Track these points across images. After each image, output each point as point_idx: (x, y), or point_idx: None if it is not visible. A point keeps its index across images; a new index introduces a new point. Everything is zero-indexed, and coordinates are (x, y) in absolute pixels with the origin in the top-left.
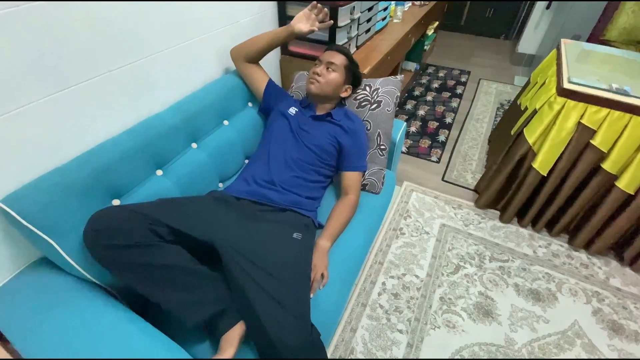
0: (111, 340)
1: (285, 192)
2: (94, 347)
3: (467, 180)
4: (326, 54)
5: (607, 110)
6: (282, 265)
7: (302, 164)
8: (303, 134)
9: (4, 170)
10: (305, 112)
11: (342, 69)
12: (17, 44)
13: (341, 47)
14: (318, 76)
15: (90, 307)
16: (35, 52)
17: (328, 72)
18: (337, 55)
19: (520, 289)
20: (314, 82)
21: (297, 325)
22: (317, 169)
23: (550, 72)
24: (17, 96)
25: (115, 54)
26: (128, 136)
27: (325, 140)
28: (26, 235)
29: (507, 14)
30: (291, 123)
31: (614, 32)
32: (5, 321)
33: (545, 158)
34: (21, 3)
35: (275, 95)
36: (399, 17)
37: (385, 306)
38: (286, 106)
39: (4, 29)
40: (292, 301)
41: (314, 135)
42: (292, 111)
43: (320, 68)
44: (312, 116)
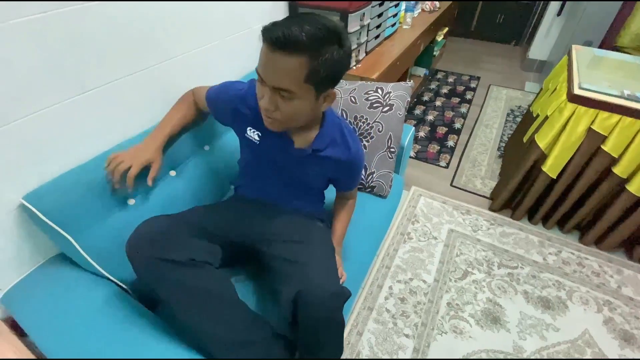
0: (125, 334)
1: (290, 204)
2: (108, 341)
3: (476, 186)
4: (266, 66)
5: (619, 116)
6: (315, 243)
7: (292, 191)
8: (281, 170)
9: (27, 169)
10: (275, 140)
11: (302, 83)
12: (42, 49)
13: (287, 28)
14: (270, 113)
15: (105, 302)
16: (58, 56)
17: (284, 101)
18: (284, 60)
19: (529, 296)
20: (270, 121)
21: (335, 282)
22: (309, 193)
23: (561, 78)
24: (41, 98)
25: (133, 58)
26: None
27: (312, 179)
28: (46, 231)
29: (517, 20)
30: (261, 156)
31: (626, 38)
32: (24, 314)
33: (555, 161)
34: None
35: (218, 111)
36: (409, 23)
37: (392, 310)
38: (241, 127)
39: (30, 34)
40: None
41: (295, 172)
42: (253, 135)
43: (266, 101)
44: (288, 154)
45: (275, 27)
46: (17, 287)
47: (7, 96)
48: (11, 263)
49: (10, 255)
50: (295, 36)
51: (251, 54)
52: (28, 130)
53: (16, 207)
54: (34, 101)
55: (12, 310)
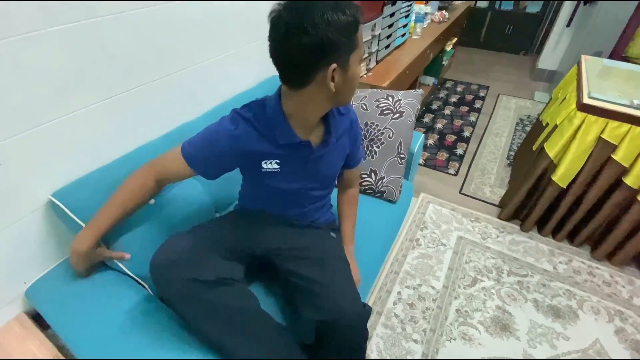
0: (144, 327)
1: (302, 219)
2: (130, 333)
3: (486, 193)
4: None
5: (629, 125)
6: (333, 257)
7: (309, 199)
8: (307, 180)
9: (55, 168)
10: (296, 156)
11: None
12: (75, 55)
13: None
14: None
15: (125, 296)
16: (89, 62)
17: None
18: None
19: (539, 304)
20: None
21: (357, 301)
22: (327, 190)
23: (570, 87)
24: (71, 102)
25: (156, 66)
26: (164, 141)
27: (336, 168)
28: (71, 227)
29: (526, 31)
30: (284, 181)
31: (636, 49)
32: (48, 307)
33: (566, 171)
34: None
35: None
36: (418, 33)
37: (401, 315)
38: (252, 165)
39: (64, 41)
40: (347, 282)
41: (321, 172)
42: (272, 166)
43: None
44: (311, 158)
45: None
46: (41, 281)
47: (41, 99)
48: (36, 258)
49: (35, 250)
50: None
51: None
52: (58, 132)
53: (44, 204)
54: (65, 104)
55: (36, 304)
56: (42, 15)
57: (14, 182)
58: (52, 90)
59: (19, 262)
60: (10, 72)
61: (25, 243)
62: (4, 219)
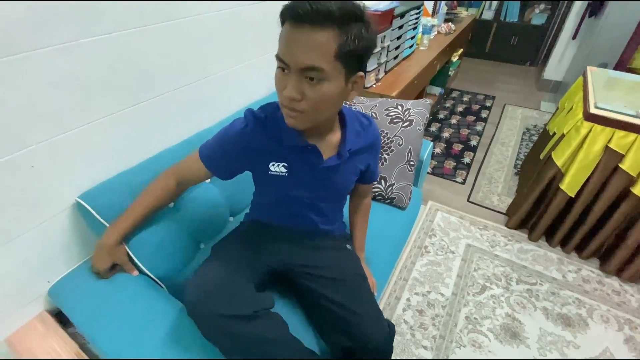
0: (165, 326)
1: (314, 233)
2: (151, 331)
3: (493, 202)
4: (291, 45)
5: (635, 135)
6: (354, 277)
7: (319, 210)
8: (316, 190)
9: (82, 171)
10: (305, 162)
11: (332, 59)
12: (102, 66)
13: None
14: (296, 104)
15: (146, 295)
16: (116, 72)
17: (311, 86)
18: (314, 34)
19: (549, 312)
20: (294, 116)
21: (383, 327)
22: (337, 206)
23: (577, 98)
24: (98, 109)
25: (176, 76)
26: (182, 147)
27: (347, 182)
28: (95, 228)
29: (531, 42)
30: (292, 187)
31: None
32: (71, 305)
33: (573, 180)
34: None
35: (225, 164)
36: (425, 44)
37: (410, 322)
38: (260, 166)
39: (95, 52)
40: (371, 303)
41: (332, 184)
42: (279, 169)
43: (290, 89)
44: (319, 166)
45: (300, 3)
46: (64, 280)
47: (71, 106)
48: (60, 258)
49: (59, 251)
50: (325, 6)
51: None
52: (85, 137)
53: (70, 206)
54: (92, 111)
55: (59, 302)
56: (76, 28)
57: (43, 185)
58: (81, 98)
59: (44, 262)
60: (44, 80)
61: (50, 243)
62: (33, 219)
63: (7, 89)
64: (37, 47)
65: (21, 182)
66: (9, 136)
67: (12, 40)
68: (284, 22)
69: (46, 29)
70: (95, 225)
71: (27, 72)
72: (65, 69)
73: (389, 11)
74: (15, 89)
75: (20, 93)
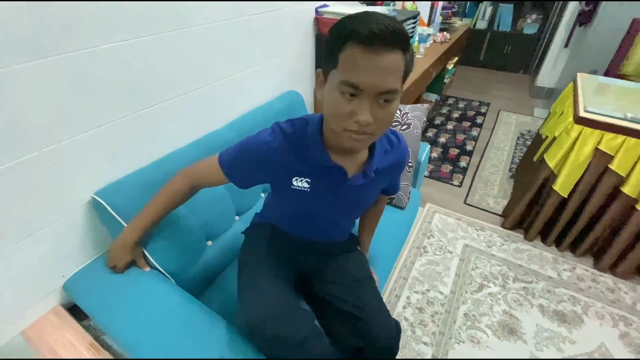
0: (179, 318)
1: (328, 245)
2: (165, 323)
3: (489, 204)
4: (369, 70)
5: (623, 137)
6: (363, 279)
7: (336, 227)
8: (336, 208)
9: (98, 169)
10: (329, 179)
11: (401, 80)
12: (121, 70)
13: (383, 21)
14: (367, 127)
15: (158, 288)
16: (134, 76)
17: (382, 108)
18: (391, 57)
19: (545, 309)
20: (361, 139)
21: (390, 325)
22: (355, 219)
23: (567, 102)
24: (113, 111)
25: (189, 80)
26: (194, 147)
27: (369, 199)
28: (109, 224)
29: (524, 51)
30: (312, 203)
31: (630, 67)
32: (85, 298)
33: (566, 180)
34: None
35: (246, 173)
36: (422, 53)
37: (410, 319)
38: (282, 180)
39: (115, 58)
40: (379, 304)
41: (352, 201)
42: (302, 184)
43: (367, 115)
44: (343, 185)
45: (369, 23)
46: (78, 274)
47: (91, 107)
48: (75, 253)
49: (74, 246)
50: (398, 27)
51: (282, 79)
52: (103, 137)
53: (85, 203)
54: (111, 112)
55: (74, 295)
56: (99, 34)
57: (62, 181)
58: (99, 99)
59: (60, 256)
60: (69, 82)
61: (66, 238)
62: (51, 215)
63: (34, 90)
64: (64, 51)
65: (42, 178)
66: (33, 135)
67: (42, 44)
68: (346, 44)
69: (72, 34)
70: (109, 221)
71: (53, 75)
72: (87, 72)
73: None
74: (41, 90)
75: (44, 94)
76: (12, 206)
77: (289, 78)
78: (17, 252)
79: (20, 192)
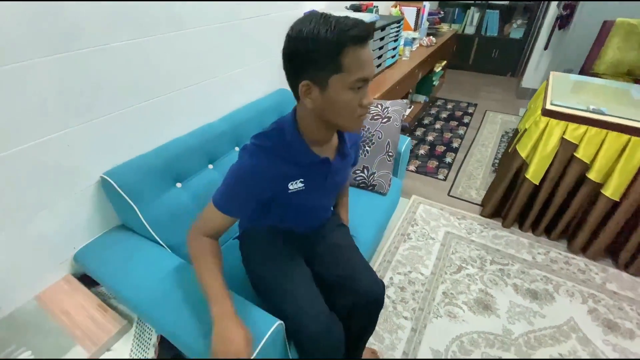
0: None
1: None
2: (164, 283)
3: (472, 195)
4: (369, 62)
5: (586, 127)
6: (350, 248)
7: (325, 210)
8: (326, 193)
9: (107, 152)
10: (318, 172)
11: None
12: (127, 66)
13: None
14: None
15: (158, 256)
16: (138, 71)
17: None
18: (369, 45)
19: (519, 288)
20: (364, 119)
21: (377, 281)
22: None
23: (539, 99)
24: (121, 102)
25: (187, 76)
26: (190, 136)
27: (348, 176)
28: (115, 201)
29: (511, 54)
30: (308, 197)
31: (602, 66)
32: (95, 266)
33: (536, 169)
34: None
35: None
36: (407, 55)
37: (393, 297)
38: (280, 190)
39: (121, 56)
40: (365, 265)
41: (337, 183)
42: (298, 185)
43: (370, 97)
44: (330, 172)
45: (356, 25)
46: (88, 247)
47: (101, 97)
48: (84, 228)
49: (84, 221)
50: (368, 23)
51: (273, 77)
52: (112, 124)
53: (95, 182)
54: (119, 102)
55: (84, 264)
56: (108, 34)
57: (76, 162)
58: (107, 91)
59: (71, 230)
60: (81, 76)
61: (77, 214)
62: (64, 192)
63: (53, 81)
64: (77, 48)
65: (58, 157)
66: (52, 119)
67: (58, 41)
68: (344, 49)
69: (84, 34)
70: (115, 198)
71: (68, 68)
72: (97, 66)
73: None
74: (59, 81)
75: (63, 85)
76: (32, 180)
77: (280, 77)
78: (35, 223)
79: (39, 169)
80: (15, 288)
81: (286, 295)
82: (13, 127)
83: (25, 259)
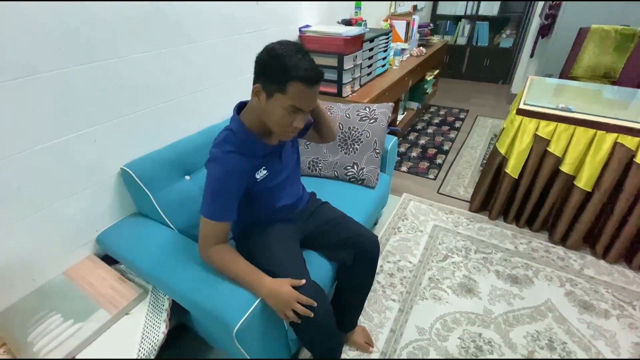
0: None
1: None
2: (174, 255)
3: (460, 192)
4: (310, 99)
5: (555, 123)
6: (340, 217)
7: (296, 180)
8: (287, 168)
9: (126, 147)
10: (273, 155)
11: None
12: (146, 73)
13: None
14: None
15: (168, 236)
16: (155, 78)
17: (307, 115)
18: (318, 87)
19: (500, 274)
20: (294, 134)
21: (375, 237)
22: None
23: (517, 101)
24: (139, 105)
25: (197, 82)
26: (199, 136)
27: (296, 148)
28: (133, 190)
29: (501, 63)
30: (274, 178)
31: (579, 70)
32: (116, 245)
33: (515, 163)
34: (152, 50)
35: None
36: (397, 65)
37: (382, 282)
38: (251, 181)
39: (139, 66)
40: (360, 225)
41: (290, 157)
42: (263, 173)
43: (302, 123)
44: (281, 152)
45: (310, 71)
46: (109, 230)
47: (124, 99)
48: (105, 214)
49: (105, 207)
50: (320, 70)
51: None
52: (132, 122)
53: (116, 173)
54: (138, 104)
55: (105, 245)
56: (129, 46)
57: (100, 154)
58: (128, 95)
59: (94, 215)
60: (111, 81)
61: (99, 201)
62: (89, 181)
63: (88, 86)
64: (104, 58)
65: (86, 151)
66: (83, 118)
67: (89, 52)
68: (292, 80)
69: (110, 46)
70: (134, 187)
71: (96, 75)
72: (120, 74)
73: (359, 36)
74: (92, 86)
75: (95, 89)
76: (66, 169)
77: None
78: (65, 206)
79: (71, 159)
80: (47, 264)
81: (276, 268)
82: (53, 123)
83: (56, 238)
